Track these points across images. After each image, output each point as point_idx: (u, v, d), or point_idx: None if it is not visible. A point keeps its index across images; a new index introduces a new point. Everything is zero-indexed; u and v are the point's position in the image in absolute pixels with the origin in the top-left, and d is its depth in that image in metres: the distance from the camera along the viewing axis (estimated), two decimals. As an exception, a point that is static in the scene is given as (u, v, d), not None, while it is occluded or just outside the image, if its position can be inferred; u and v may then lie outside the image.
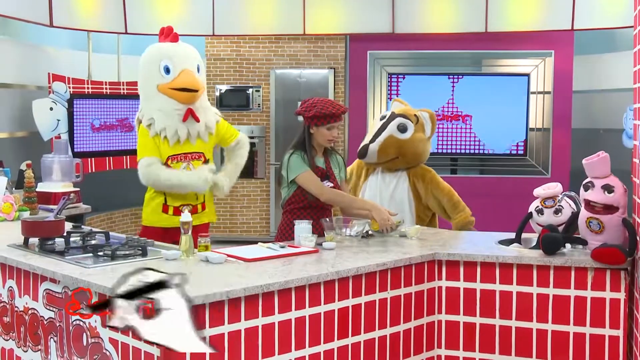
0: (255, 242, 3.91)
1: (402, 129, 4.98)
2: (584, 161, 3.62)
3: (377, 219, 4.17)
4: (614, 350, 3.59)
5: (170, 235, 4.37)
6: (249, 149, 4.90)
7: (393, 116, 5.06)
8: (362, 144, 5.11)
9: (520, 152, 8.88)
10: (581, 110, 8.87)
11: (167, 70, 4.51)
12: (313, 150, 4.30)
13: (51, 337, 3.43)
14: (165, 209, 4.53)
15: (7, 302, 3.72)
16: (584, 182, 3.64)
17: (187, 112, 4.51)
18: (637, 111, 3.52)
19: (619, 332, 3.58)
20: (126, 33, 8.34)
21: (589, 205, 3.60)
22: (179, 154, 4.53)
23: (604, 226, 3.57)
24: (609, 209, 3.55)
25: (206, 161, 4.63)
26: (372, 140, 5.00)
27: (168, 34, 4.65)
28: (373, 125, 5.17)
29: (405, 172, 4.99)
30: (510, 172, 8.86)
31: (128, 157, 8.26)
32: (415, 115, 5.05)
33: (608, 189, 3.53)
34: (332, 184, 4.28)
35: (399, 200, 4.97)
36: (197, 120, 4.55)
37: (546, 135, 8.83)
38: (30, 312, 3.55)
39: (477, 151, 9.00)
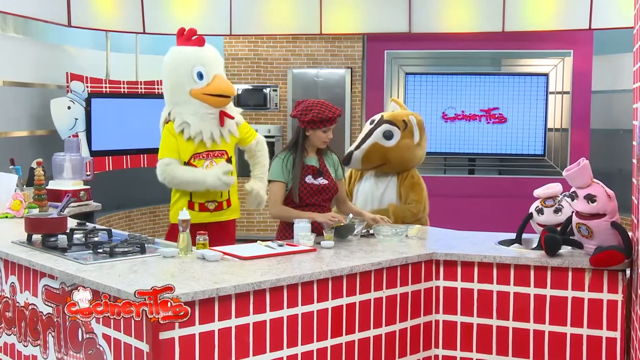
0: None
1: (388, 136, 4.95)
2: (564, 172, 3.61)
3: (322, 221, 4.11)
4: (612, 352, 3.57)
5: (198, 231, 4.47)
6: (267, 149, 4.92)
7: (380, 122, 5.03)
8: (347, 150, 5.11)
9: (539, 152, 8.81)
10: (600, 110, 8.77)
11: (200, 76, 4.54)
12: (305, 152, 4.32)
13: (49, 333, 3.48)
14: (191, 206, 4.54)
15: (9, 297, 3.79)
16: (569, 192, 3.62)
17: (221, 116, 4.56)
18: (636, 111, 3.49)
19: (617, 334, 3.56)
20: (144, 33, 8.41)
21: (577, 213, 3.62)
22: (202, 152, 4.57)
23: (592, 231, 3.58)
24: (595, 215, 3.55)
25: (229, 159, 4.65)
26: (357, 147, 4.99)
27: (189, 37, 4.63)
28: (364, 128, 5.15)
29: (395, 176, 4.98)
30: (528, 173, 8.78)
31: (145, 155, 8.31)
32: (403, 120, 5.01)
33: (590, 198, 3.52)
34: (326, 181, 4.30)
35: (386, 203, 4.95)
36: (232, 118, 4.62)
37: (565, 136, 8.75)
38: (30, 307, 3.61)
39: (495, 151, 8.95)
